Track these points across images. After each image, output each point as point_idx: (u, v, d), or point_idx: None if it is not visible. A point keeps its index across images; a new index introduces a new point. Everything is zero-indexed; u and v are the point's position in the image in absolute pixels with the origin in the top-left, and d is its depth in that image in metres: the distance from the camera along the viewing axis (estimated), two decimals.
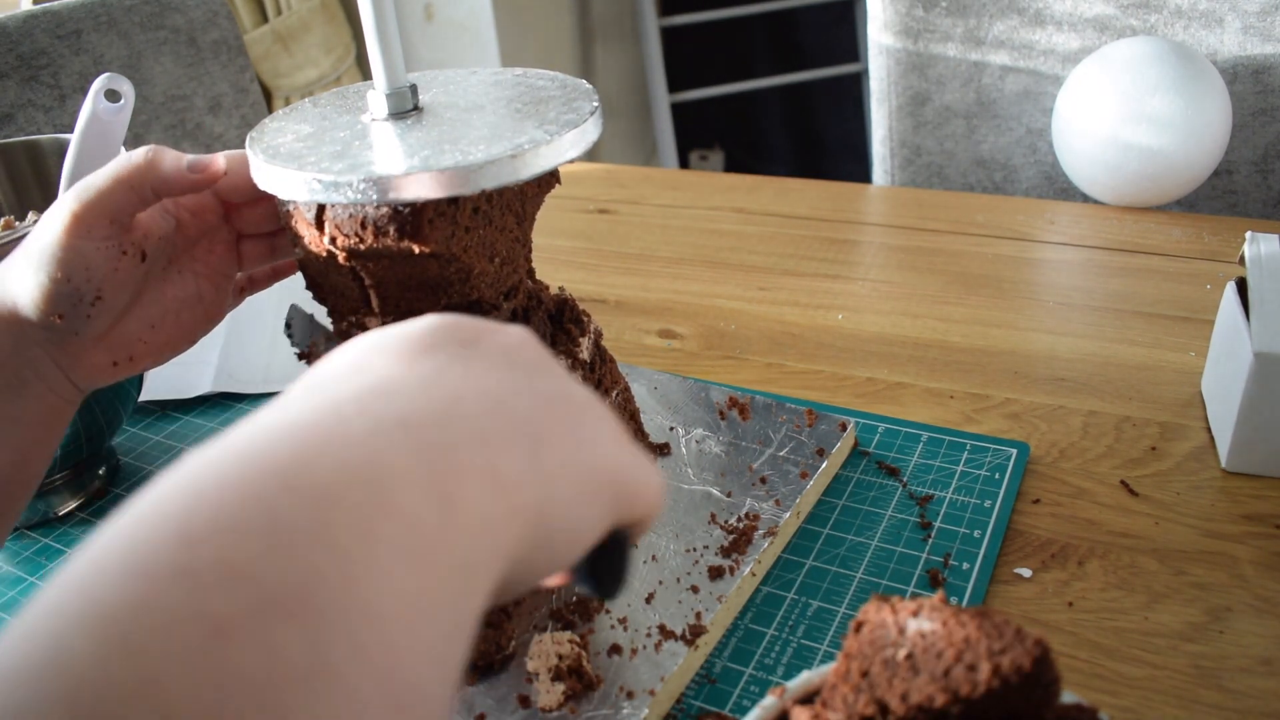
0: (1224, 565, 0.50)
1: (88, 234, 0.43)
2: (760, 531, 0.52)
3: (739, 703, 0.45)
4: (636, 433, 0.59)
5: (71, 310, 0.44)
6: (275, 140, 0.45)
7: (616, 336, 0.78)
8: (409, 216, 0.41)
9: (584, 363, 0.54)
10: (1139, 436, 0.61)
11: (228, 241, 0.50)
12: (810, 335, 0.76)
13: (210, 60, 1.17)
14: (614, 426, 0.29)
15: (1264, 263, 0.59)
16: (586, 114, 0.44)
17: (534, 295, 0.53)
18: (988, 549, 0.52)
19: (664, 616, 0.47)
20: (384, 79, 0.45)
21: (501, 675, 0.45)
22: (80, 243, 0.43)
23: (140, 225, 0.46)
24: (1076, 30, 1.05)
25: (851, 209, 0.99)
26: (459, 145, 0.41)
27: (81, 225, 0.43)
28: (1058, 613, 0.49)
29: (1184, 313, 0.74)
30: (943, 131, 1.16)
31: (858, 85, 2.47)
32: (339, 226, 0.42)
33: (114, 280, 0.44)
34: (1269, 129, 1.00)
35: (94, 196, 0.43)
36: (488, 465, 0.23)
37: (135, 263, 0.45)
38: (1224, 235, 0.86)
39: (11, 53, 0.98)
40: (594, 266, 0.91)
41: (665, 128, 2.42)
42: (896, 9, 1.13)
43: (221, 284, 0.50)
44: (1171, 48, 0.87)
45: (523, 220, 0.48)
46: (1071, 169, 0.94)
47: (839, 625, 0.48)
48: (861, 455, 0.60)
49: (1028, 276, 0.82)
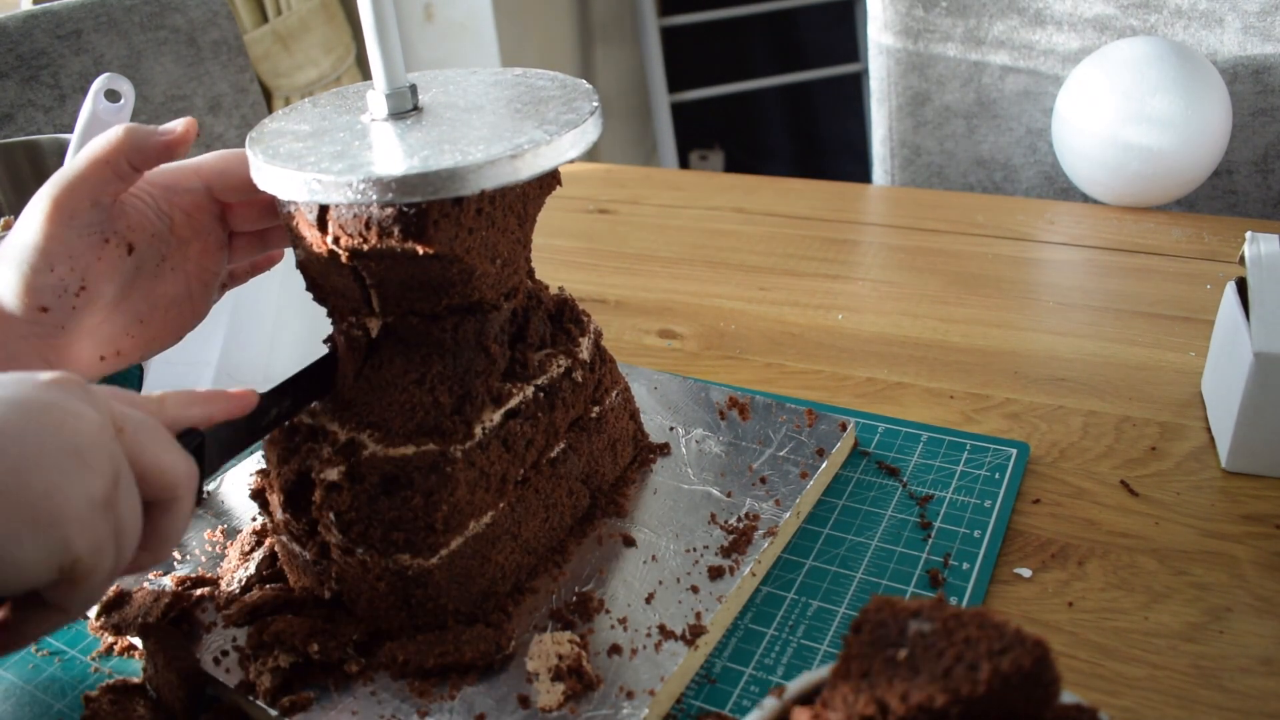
0: (1224, 565, 0.50)
1: (69, 220, 0.43)
2: (760, 531, 0.52)
3: (739, 703, 0.45)
4: (636, 433, 0.59)
5: (56, 302, 0.44)
6: (275, 141, 0.45)
7: (616, 336, 0.78)
8: (414, 218, 0.41)
9: (584, 363, 0.54)
10: (1139, 436, 0.61)
11: (220, 240, 0.50)
12: (810, 335, 0.76)
13: (210, 60, 1.17)
14: (73, 472, 0.33)
15: (1264, 263, 0.59)
16: (586, 114, 0.44)
17: (534, 295, 0.53)
18: (988, 549, 0.52)
19: (664, 616, 0.47)
20: (383, 79, 0.45)
21: (501, 675, 0.45)
22: (62, 230, 0.43)
23: (125, 215, 0.46)
24: (1076, 30, 1.05)
25: (851, 209, 0.99)
26: (458, 145, 0.41)
27: (63, 211, 0.43)
28: (1058, 613, 0.49)
29: (1184, 313, 0.74)
30: (943, 131, 1.16)
31: (858, 85, 2.47)
32: (343, 226, 0.42)
33: (98, 269, 0.44)
34: (1269, 129, 1.00)
35: (72, 180, 0.43)
36: None
37: (120, 253, 0.45)
38: (1224, 235, 0.86)
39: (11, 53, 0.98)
40: (594, 266, 0.91)
41: (665, 128, 2.42)
42: (896, 9, 1.13)
43: (209, 281, 0.50)
44: (1171, 48, 0.87)
45: (524, 222, 0.48)
46: (1071, 169, 0.94)
47: (839, 625, 0.48)
48: (861, 455, 0.60)
49: (1028, 276, 0.82)
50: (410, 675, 0.45)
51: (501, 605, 0.49)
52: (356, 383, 0.48)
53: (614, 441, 0.57)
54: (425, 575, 0.46)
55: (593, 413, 0.55)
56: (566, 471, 0.53)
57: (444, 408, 0.46)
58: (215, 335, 0.80)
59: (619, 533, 0.53)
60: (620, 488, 0.57)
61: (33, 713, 0.48)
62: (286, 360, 0.77)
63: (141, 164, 0.45)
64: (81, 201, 0.43)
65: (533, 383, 0.50)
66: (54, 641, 0.52)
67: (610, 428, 0.56)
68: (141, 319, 0.47)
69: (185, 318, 0.50)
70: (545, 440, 0.51)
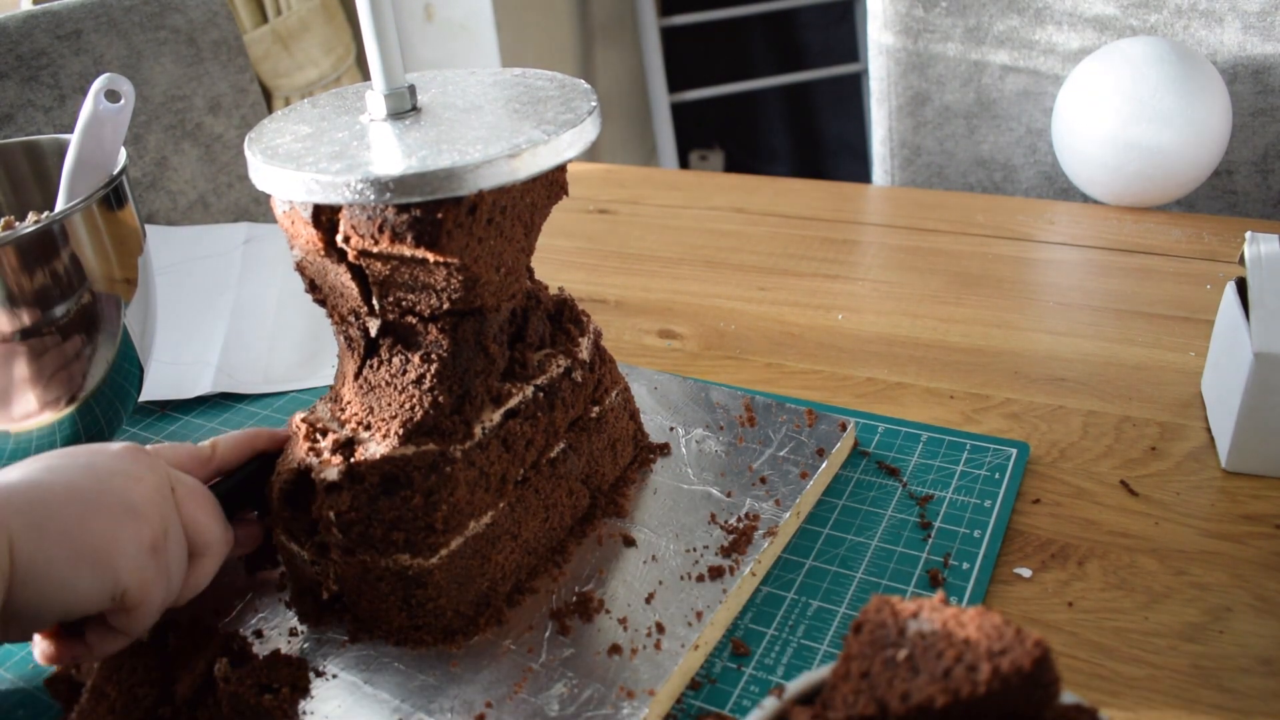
0: (1224, 565, 0.50)
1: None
2: (760, 531, 0.52)
3: (739, 703, 0.45)
4: (636, 433, 0.59)
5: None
6: (274, 141, 0.45)
7: (616, 336, 0.78)
8: (428, 225, 0.41)
9: (583, 362, 0.54)
10: (1139, 436, 0.61)
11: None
12: (810, 335, 0.76)
13: (210, 60, 1.17)
14: (127, 522, 0.41)
15: (1264, 263, 0.59)
16: (585, 114, 0.44)
17: (533, 295, 0.52)
18: (988, 549, 0.52)
19: (664, 616, 0.47)
20: (382, 79, 0.45)
21: (501, 674, 0.45)
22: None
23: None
24: (1077, 30, 1.05)
25: (851, 209, 0.99)
26: (457, 145, 0.41)
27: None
28: (1058, 613, 0.49)
29: (1184, 313, 0.74)
30: (943, 131, 1.16)
31: (858, 85, 2.47)
32: (355, 227, 0.42)
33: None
34: (1269, 129, 1.00)
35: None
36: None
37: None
38: (1224, 235, 0.85)
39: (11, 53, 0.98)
40: (594, 266, 0.91)
41: (665, 128, 2.42)
42: (896, 9, 1.13)
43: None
44: (1171, 48, 0.87)
45: (530, 231, 0.48)
46: (1071, 169, 0.94)
47: (839, 625, 0.48)
48: (861, 455, 0.60)
49: (1028, 276, 0.82)
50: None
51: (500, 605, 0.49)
52: (356, 383, 0.48)
53: (614, 441, 0.57)
54: (425, 575, 0.46)
55: (592, 413, 0.55)
56: (566, 471, 0.53)
57: (443, 408, 0.46)
58: (215, 335, 0.80)
59: (619, 533, 0.53)
60: (620, 488, 0.57)
61: (33, 713, 0.48)
62: (286, 360, 0.77)
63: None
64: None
65: (532, 383, 0.50)
66: None
67: (610, 428, 0.56)
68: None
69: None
70: (545, 440, 0.51)
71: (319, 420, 0.48)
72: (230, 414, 0.71)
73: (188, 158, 1.15)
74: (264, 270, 0.89)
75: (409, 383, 0.46)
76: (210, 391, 0.73)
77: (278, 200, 0.45)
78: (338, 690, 0.45)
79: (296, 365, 0.76)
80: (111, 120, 0.57)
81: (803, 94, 2.56)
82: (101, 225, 0.57)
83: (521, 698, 0.44)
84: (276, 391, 0.73)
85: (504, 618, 0.48)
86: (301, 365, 0.76)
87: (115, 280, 0.58)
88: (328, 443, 0.47)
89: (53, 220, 0.54)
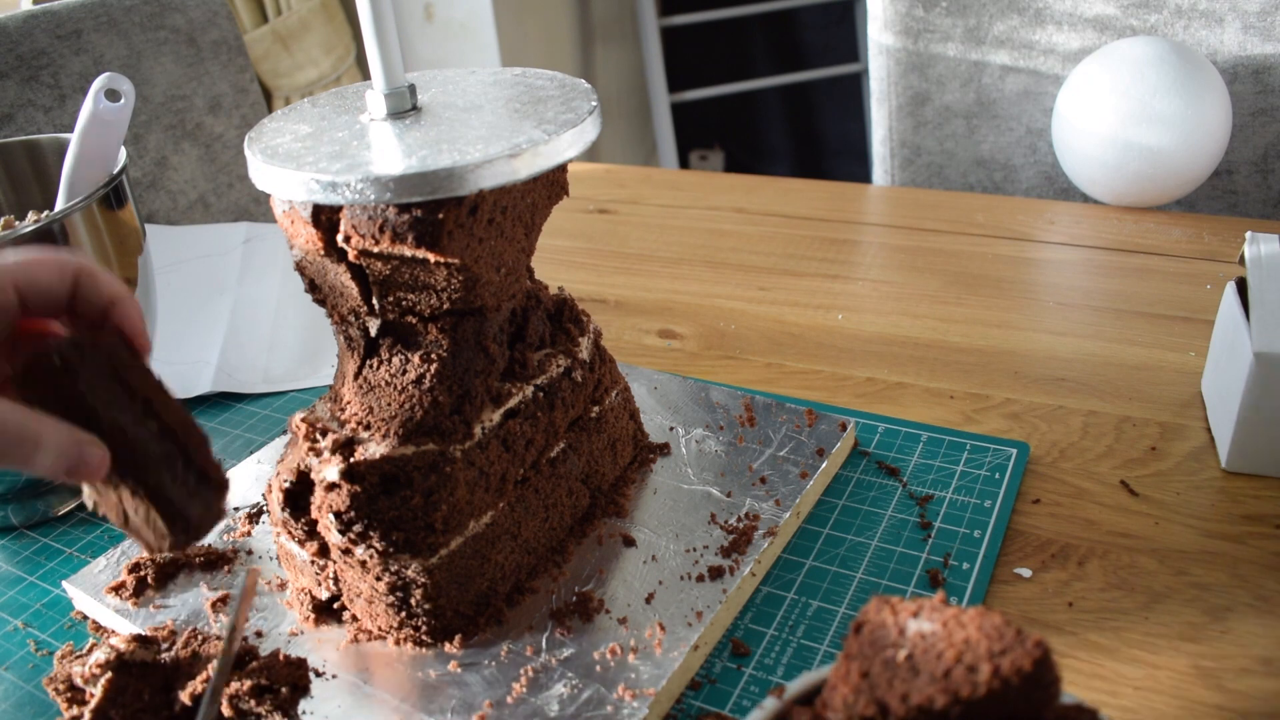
0: (1224, 565, 0.50)
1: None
2: (760, 531, 0.52)
3: (739, 703, 0.45)
4: (636, 433, 0.59)
5: None
6: (274, 140, 0.45)
7: (616, 336, 0.78)
8: (429, 225, 0.41)
9: (583, 362, 0.54)
10: (1139, 436, 0.61)
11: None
12: (810, 335, 0.76)
13: (210, 60, 1.17)
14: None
15: (1264, 263, 0.59)
16: (585, 113, 0.44)
17: (533, 295, 0.52)
18: (988, 549, 0.52)
19: (664, 616, 0.47)
20: (382, 79, 0.45)
21: (501, 674, 0.45)
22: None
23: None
24: (1077, 30, 1.05)
25: (851, 209, 0.99)
26: (456, 145, 0.41)
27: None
28: (1058, 613, 0.49)
29: (1184, 313, 0.74)
30: (943, 131, 1.16)
31: (858, 85, 2.47)
32: (355, 227, 0.42)
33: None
34: (1269, 129, 1.00)
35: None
36: None
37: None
38: (1224, 235, 0.85)
39: (11, 53, 0.98)
40: (594, 266, 0.91)
41: (665, 128, 2.42)
42: (896, 9, 1.13)
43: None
44: (1171, 48, 0.87)
45: (530, 231, 0.48)
46: (1071, 169, 0.94)
47: (839, 625, 0.48)
48: (861, 455, 0.60)
49: (1028, 276, 0.82)
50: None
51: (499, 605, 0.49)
52: (356, 382, 0.48)
53: (614, 441, 0.57)
54: (425, 575, 0.46)
55: (592, 412, 0.55)
56: (566, 471, 0.53)
57: (443, 407, 0.46)
58: (215, 335, 0.80)
59: (619, 533, 0.53)
60: (620, 488, 0.57)
61: (33, 713, 0.48)
62: (285, 360, 0.77)
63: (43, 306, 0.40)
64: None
65: (532, 382, 0.50)
66: (54, 642, 0.52)
67: (610, 428, 0.56)
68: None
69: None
70: (545, 440, 0.51)
71: (319, 420, 0.48)
72: (230, 413, 0.71)
73: (188, 158, 1.14)
74: (263, 270, 0.89)
75: (409, 382, 0.46)
76: (210, 391, 0.73)
77: (277, 200, 0.45)
78: (338, 690, 0.45)
79: (296, 365, 0.76)
80: (111, 120, 0.57)
81: (803, 94, 2.56)
82: (101, 225, 0.57)
83: (521, 698, 0.44)
84: (276, 391, 0.73)
85: (504, 618, 0.48)
86: (301, 365, 0.76)
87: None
88: (327, 443, 0.47)
89: (53, 220, 0.54)
